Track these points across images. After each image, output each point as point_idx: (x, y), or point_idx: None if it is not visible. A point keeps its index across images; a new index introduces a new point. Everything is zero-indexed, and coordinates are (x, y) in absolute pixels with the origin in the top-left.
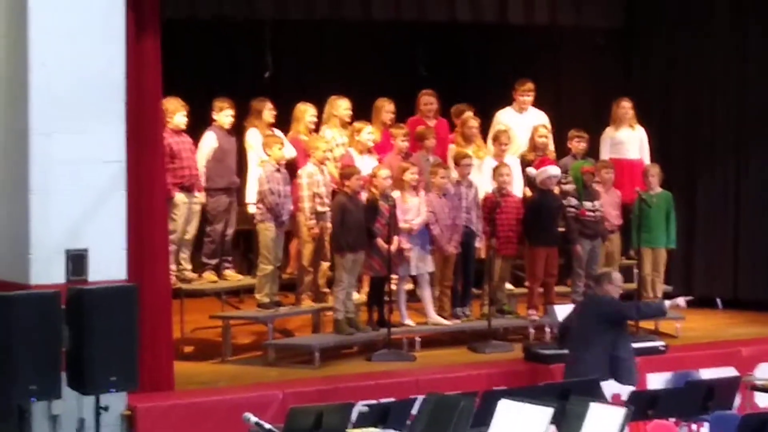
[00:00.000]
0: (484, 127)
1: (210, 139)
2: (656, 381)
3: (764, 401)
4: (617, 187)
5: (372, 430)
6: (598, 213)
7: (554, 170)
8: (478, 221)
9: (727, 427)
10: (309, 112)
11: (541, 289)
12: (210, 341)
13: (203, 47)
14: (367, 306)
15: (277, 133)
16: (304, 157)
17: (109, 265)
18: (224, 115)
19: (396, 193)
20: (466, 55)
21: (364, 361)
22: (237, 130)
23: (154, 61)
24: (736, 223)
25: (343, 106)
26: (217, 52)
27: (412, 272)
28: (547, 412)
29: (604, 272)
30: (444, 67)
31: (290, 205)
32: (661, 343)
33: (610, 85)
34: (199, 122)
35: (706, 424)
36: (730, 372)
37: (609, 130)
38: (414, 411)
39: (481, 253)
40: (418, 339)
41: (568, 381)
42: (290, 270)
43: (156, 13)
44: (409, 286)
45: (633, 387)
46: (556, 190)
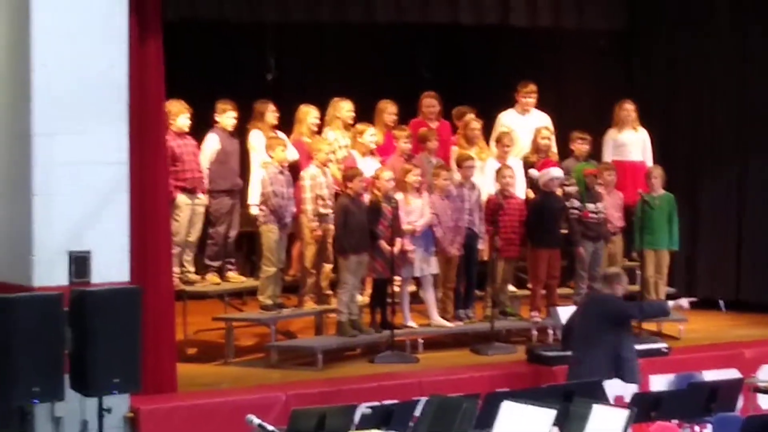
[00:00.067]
0: (486, 129)
1: (213, 141)
2: (659, 383)
3: (767, 403)
4: (620, 189)
5: None
6: (600, 215)
7: (557, 172)
8: (481, 223)
9: (730, 428)
10: (311, 114)
11: (544, 291)
12: (213, 343)
13: (206, 49)
14: (369, 308)
15: (280, 135)
16: (306, 159)
17: (111, 267)
18: (227, 117)
19: (399, 195)
20: (469, 57)
21: (367, 363)
22: (240, 132)
23: (157, 63)
24: (738, 224)
25: (345, 108)
26: (220, 53)
27: (415, 274)
28: (550, 413)
29: (615, 272)
30: (446, 69)
31: (293, 207)
32: (664, 344)
33: (612, 87)
34: (201, 124)
35: (709, 426)
36: (733, 374)
37: (611, 132)
38: (417, 413)
39: (484, 254)
40: (421, 341)
41: (571, 383)
42: (293, 272)
43: (158, 15)
44: (412, 288)
45: (636, 386)
46: (559, 192)
